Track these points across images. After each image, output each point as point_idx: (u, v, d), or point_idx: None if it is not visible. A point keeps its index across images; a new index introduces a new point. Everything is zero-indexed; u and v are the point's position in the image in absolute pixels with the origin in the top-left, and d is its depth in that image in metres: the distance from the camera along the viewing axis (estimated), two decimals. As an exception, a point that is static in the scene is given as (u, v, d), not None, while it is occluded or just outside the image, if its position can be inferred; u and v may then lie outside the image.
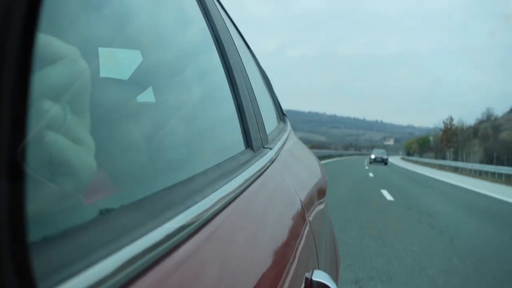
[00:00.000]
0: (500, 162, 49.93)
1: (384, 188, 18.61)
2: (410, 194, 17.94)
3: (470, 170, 41.97)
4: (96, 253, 0.46)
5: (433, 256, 7.19)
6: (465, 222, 10.87)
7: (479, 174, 37.75)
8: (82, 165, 0.56)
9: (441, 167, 52.19)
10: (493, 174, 34.87)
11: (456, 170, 45.66)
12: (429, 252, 7.44)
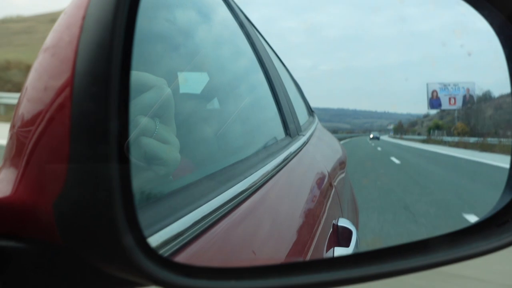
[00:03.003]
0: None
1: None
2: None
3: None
4: (181, 211, 0.48)
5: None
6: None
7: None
8: (170, 157, 0.58)
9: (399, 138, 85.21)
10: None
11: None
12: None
